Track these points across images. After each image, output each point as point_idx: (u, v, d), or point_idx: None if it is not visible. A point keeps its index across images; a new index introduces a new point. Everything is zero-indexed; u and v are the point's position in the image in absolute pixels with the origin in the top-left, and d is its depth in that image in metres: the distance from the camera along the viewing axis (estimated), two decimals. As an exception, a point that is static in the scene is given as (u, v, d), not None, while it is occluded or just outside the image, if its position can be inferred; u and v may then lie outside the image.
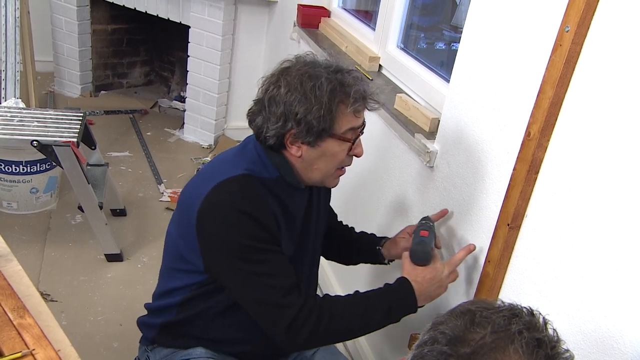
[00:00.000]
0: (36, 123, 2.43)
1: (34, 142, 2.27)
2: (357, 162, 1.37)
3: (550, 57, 1.17)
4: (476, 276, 1.43)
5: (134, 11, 3.67)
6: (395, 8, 2.17)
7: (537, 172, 1.24)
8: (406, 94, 1.97)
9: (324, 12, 2.84)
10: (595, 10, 1.08)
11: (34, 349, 1.06)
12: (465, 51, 1.51)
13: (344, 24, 2.67)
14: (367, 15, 2.63)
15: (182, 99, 3.95)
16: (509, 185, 1.29)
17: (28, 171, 2.69)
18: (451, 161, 1.56)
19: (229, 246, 1.25)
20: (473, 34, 1.47)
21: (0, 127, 2.36)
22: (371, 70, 2.21)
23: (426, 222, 1.45)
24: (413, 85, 1.99)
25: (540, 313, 0.76)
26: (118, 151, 3.47)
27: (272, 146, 1.28)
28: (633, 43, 1.01)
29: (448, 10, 2.33)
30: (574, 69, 1.14)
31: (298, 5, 2.85)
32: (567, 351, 0.73)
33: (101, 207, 2.46)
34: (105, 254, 2.56)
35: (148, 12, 3.60)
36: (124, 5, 3.67)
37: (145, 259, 2.63)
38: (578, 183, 1.13)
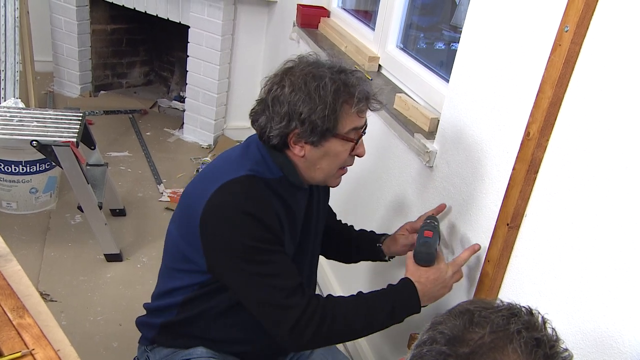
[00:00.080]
0: (36, 123, 2.43)
1: (34, 142, 2.27)
2: (357, 162, 1.37)
3: (549, 57, 1.17)
4: (476, 276, 1.43)
5: (134, 11, 3.67)
6: (394, 8, 2.17)
7: (537, 172, 1.24)
8: (406, 94, 1.97)
9: (324, 12, 2.83)
10: (594, 10, 1.08)
11: (34, 349, 1.06)
12: (464, 51, 1.51)
13: (344, 24, 2.67)
14: (367, 15, 2.63)
15: (182, 99, 3.95)
16: (509, 185, 1.29)
17: (27, 171, 2.68)
18: (451, 161, 1.57)
19: (233, 247, 1.24)
20: (472, 34, 1.48)
21: (-1, 127, 2.37)
22: (371, 70, 2.21)
23: (431, 222, 1.44)
24: (412, 85, 1.99)
25: (539, 312, 0.76)
26: (117, 151, 3.47)
27: (276, 146, 1.28)
28: (632, 43, 1.01)
29: (447, 10, 2.33)
30: (573, 69, 1.14)
31: (297, 5, 2.85)
32: (566, 350, 0.73)
33: (101, 207, 2.46)
34: (104, 254, 2.56)
35: (147, 12, 3.60)
36: (124, 5, 3.66)
37: (144, 259, 2.63)
38: (577, 183, 1.13)
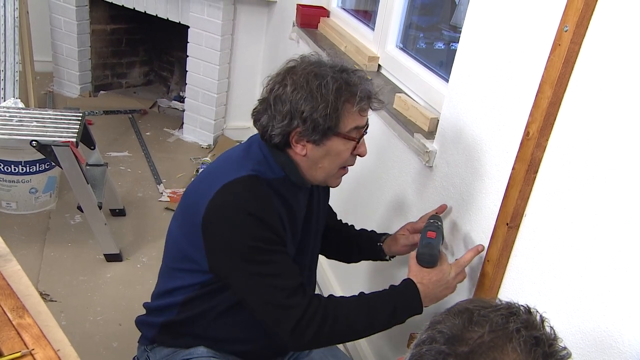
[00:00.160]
0: (35, 123, 2.43)
1: (33, 142, 2.27)
2: (357, 162, 1.37)
3: (549, 57, 1.17)
4: (475, 276, 1.43)
5: (133, 11, 3.67)
6: (394, 8, 2.17)
7: (536, 172, 1.24)
8: (405, 94, 1.97)
9: (323, 12, 2.84)
10: (593, 9, 1.08)
11: (33, 349, 1.06)
12: (464, 51, 1.51)
13: (343, 24, 2.68)
14: (366, 15, 2.63)
15: (182, 99, 3.94)
16: (508, 184, 1.29)
17: (27, 171, 2.68)
18: (450, 161, 1.57)
19: (235, 247, 1.25)
20: (472, 34, 1.48)
21: (-1, 127, 2.37)
22: (370, 70, 2.21)
23: (434, 222, 1.42)
24: (412, 85, 1.99)
25: (537, 311, 0.76)
26: (117, 151, 3.47)
27: (277, 145, 1.28)
28: (632, 42, 1.01)
29: (447, 10, 2.33)
30: (573, 69, 1.14)
31: (297, 5, 2.85)
32: (565, 349, 0.74)
33: (100, 207, 2.46)
34: (104, 254, 2.56)
35: (147, 12, 3.60)
36: (123, 5, 3.66)
37: (144, 259, 2.63)
38: (577, 182, 1.13)
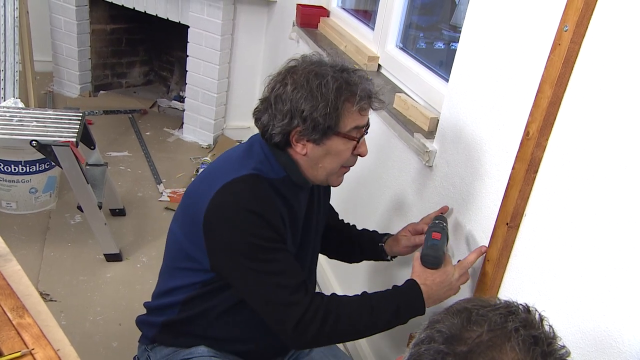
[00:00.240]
0: (35, 123, 2.43)
1: (33, 142, 2.27)
2: (357, 162, 1.37)
3: (548, 57, 1.17)
4: (475, 275, 1.43)
5: (133, 11, 3.67)
6: (394, 8, 2.17)
7: (536, 171, 1.24)
8: (405, 94, 1.97)
9: (323, 12, 2.84)
10: (593, 9, 1.08)
11: (33, 349, 1.06)
12: (464, 50, 1.51)
13: (343, 24, 2.68)
14: (366, 14, 2.63)
15: (181, 99, 3.95)
16: (508, 184, 1.29)
17: (27, 171, 2.68)
18: (450, 160, 1.57)
19: (237, 246, 1.25)
20: (472, 34, 1.48)
21: (-1, 127, 2.37)
22: (370, 69, 2.21)
23: (439, 223, 1.42)
24: (412, 84, 1.99)
25: (536, 310, 0.76)
26: (117, 151, 3.47)
27: (278, 144, 1.28)
28: (631, 42, 1.01)
29: (447, 9, 2.33)
30: (573, 68, 1.14)
31: (297, 4, 2.85)
32: (563, 347, 0.74)
33: (100, 207, 2.46)
34: (104, 254, 2.56)
35: (147, 12, 3.60)
36: (123, 5, 3.67)
37: (144, 259, 2.63)
38: (577, 182, 1.13)
